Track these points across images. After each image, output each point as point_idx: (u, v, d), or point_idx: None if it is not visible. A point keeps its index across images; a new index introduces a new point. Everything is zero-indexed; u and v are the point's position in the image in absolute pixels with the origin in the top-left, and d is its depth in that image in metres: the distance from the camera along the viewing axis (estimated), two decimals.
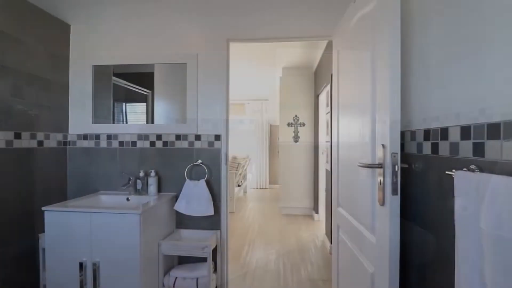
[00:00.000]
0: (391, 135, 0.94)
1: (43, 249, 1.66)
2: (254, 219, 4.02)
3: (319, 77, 3.76)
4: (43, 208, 1.47)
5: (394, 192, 0.92)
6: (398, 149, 0.93)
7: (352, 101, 1.37)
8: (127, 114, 2.08)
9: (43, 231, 1.65)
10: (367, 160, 1.12)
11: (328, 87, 2.89)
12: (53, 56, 1.82)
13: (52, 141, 1.80)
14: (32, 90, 1.67)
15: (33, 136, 1.66)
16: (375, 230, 1.06)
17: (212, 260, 1.74)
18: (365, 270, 1.14)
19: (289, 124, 4.21)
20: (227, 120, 1.86)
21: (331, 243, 2.72)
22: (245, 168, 5.61)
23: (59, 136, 1.87)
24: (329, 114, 2.87)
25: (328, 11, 1.79)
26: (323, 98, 3.76)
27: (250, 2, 1.83)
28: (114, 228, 1.42)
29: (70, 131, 1.94)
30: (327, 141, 3.05)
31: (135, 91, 2.05)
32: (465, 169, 0.70)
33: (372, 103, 1.09)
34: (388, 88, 0.95)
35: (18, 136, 1.56)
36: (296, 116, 4.19)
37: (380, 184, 0.98)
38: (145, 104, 2.04)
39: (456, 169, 0.72)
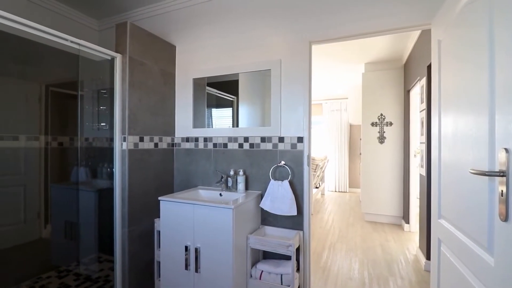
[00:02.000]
0: None
1: (158, 232, 2.03)
2: (334, 222, 3.88)
3: (410, 70, 3.36)
4: (159, 198, 1.81)
5: None
6: None
7: (459, 95, 1.19)
8: (217, 118, 2.34)
9: (158, 217, 2.03)
10: (483, 166, 0.96)
11: (424, 81, 2.56)
12: (164, 73, 2.21)
13: (164, 143, 2.20)
14: (151, 102, 2.07)
15: (151, 139, 2.07)
16: (493, 249, 0.90)
17: (295, 259, 1.78)
18: None
19: (373, 124, 3.89)
20: (309, 122, 1.87)
21: (427, 258, 2.41)
22: (323, 169, 5.47)
23: (168, 139, 2.26)
24: (424, 112, 2.54)
25: None
26: (415, 93, 3.35)
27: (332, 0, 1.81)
28: (212, 219, 1.63)
29: (176, 135, 2.32)
30: (421, 142, 2.70)
31: (223, 97, 2.29)
32: None
33: (490, 97, 0.93)
34: None
35: (141, 139, 1.98)
36: (381, 114, 3.85)
37: (502, 195, 0.83)
38: (231, 109, 2.25)
39: None
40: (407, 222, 3.53)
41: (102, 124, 2.18)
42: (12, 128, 2.08)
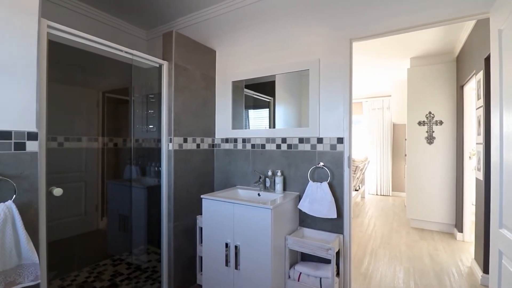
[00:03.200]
0: None
1: (200, 228, 2.14)
2: (376, 227, 3.69)
3: (463, 64, 3.06)
4: (201, 196, 1.91)
5: None
6: None
7: None
8: (253, 119, 2.38)
9: (200, 214, 2.13)
10: None
11: (481, 74, 2.31)
12: (206, 77, 2.32)
13: (205, 144, 2.31)
14: (193, 105, 2.19)
15: (194, 141, 2.19)
16: None
17: (335, 263, 1.74)
18: None
19: (420, 123, 3.62)
20: (350, 123, 1.82)
21: (484, 271, 2.18)
22: (363, 171, 5.23)
23: (209, 140, 2.37)
24: (482, 109, 2.30)
25: None
26: (470, 89, 3.05)
27: None
28: (251, 218, 1.67)
29: (216, 136, 2.42)
30: (478, 143, 2.45)
31: (260, 99, 2.32)
32: None
33: None
34: None
35: (185, 140, 2.10)
36: (430, 113, 3.56)
37: None
38: (267, 109, 2.27)
39: None
40: (460, 230, 3.21)
41: (150, 126, 2.37)
42: (77, 131, 2.36)
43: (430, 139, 3.55)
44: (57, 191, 1.48)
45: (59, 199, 1.50)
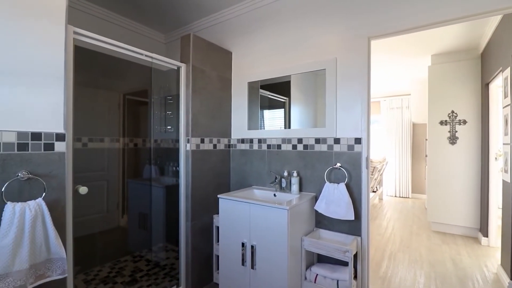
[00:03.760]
0: None
1: (217, 227, 2.17)
2: (394, 230, 3.59)
3: (489, 60, 2.92)
4: (218, 196, 1.93)
5: None
6: None
7: None
8: (269, 119, 2.38)
9: (216, 213, 2.16)
10: None
11: (508, 71, 2.20)
12: (222, 78, 2.35)
13: (221, 145, 2.34)
14: (210, 106, 2.23)
15: (210, 141, 2.22)
16: None
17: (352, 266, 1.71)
18: None
19: (442, 122, 3.49)
20: (368, 123, 1.78)
21: (511, 279, 2.07)
22: (381, 172, 5.10)
23: (225, 141, 2.39)
24: (509, 108, 2.19)
25: None
26: (496, 86, 2.91)
27: None
28: (267, 218, 1.68)
29: (232, 136, 2.45)
30: (505, 143, 2.33)
31: (275, 99, 2.32)
32: None
33: None
34: None
35: (202, 141, 2.14)
36: (452, 112, 3.42)
37: None
38: (282, 110, 2.27)
39: None
40: (485, 235, 3.07)
41: (168, 127, 2.43)
42: (100, 132, 2.46)
43: (452, 139, 3.42)
44: (83, 190, 1.55)
45: (84, 197, 1.57)
